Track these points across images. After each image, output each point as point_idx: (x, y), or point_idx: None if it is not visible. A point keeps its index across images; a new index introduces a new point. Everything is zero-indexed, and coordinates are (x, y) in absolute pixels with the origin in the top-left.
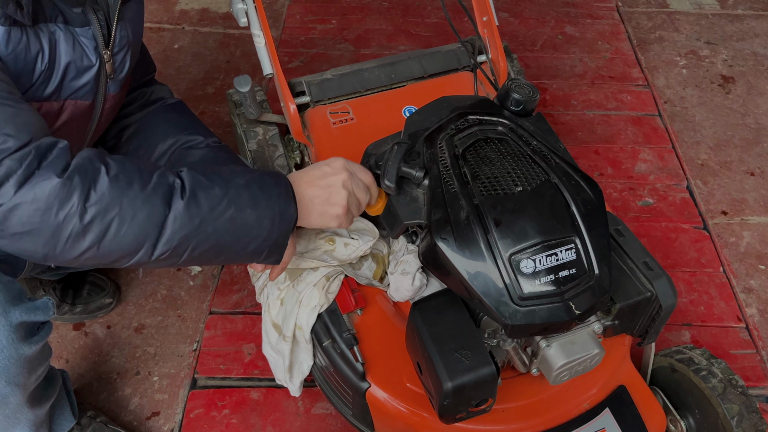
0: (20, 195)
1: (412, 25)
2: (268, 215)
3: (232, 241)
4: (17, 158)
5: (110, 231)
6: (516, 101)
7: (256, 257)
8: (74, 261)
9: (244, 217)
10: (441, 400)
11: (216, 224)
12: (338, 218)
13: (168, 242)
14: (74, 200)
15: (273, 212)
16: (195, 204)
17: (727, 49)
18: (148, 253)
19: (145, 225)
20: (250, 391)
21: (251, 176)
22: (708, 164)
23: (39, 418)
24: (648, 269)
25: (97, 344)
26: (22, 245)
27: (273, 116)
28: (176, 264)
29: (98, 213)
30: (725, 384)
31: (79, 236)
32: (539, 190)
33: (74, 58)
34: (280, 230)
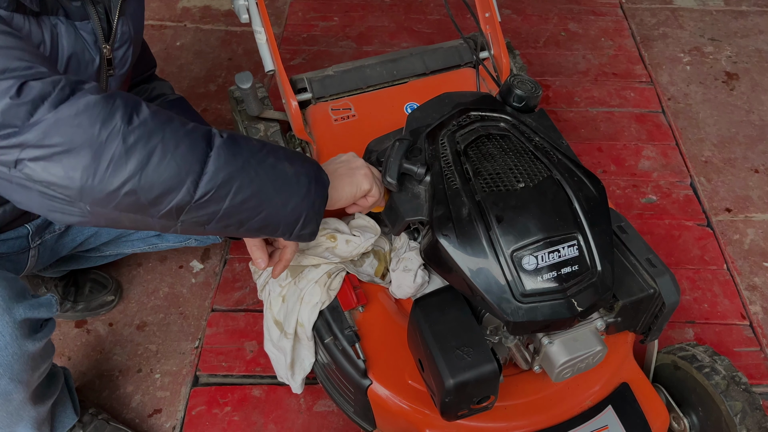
0: (61, 111)
1: (415, 22)
2: (305, 172)
3: (273, 190)
4: (48, 82)
5: (153, 158)
6: (518, 97)
7: (294, 222)
8: (113, 195)
9: (283, 168)
10: (443, 397)
11: (258, 168)
12: (367, 177)
13: (211, 179)
14: (117, 119)
15: (309, 171)
16: (235, 146)
17: (732, 45)
18: (191, 190)
19: (188, 157)
20: (252, 388)
21: (274, 147)
22: (712, 161)
23: (41, 416)
24: (651, 266)
25: (99, 342)
26: (61, 170)
27: (274, 113)
28: (217, 214)
29: (141, 136)
30: (728, 381)
31: (122, 159)
32: (541, 187)
33: (76, 51)
34: (317, 192)
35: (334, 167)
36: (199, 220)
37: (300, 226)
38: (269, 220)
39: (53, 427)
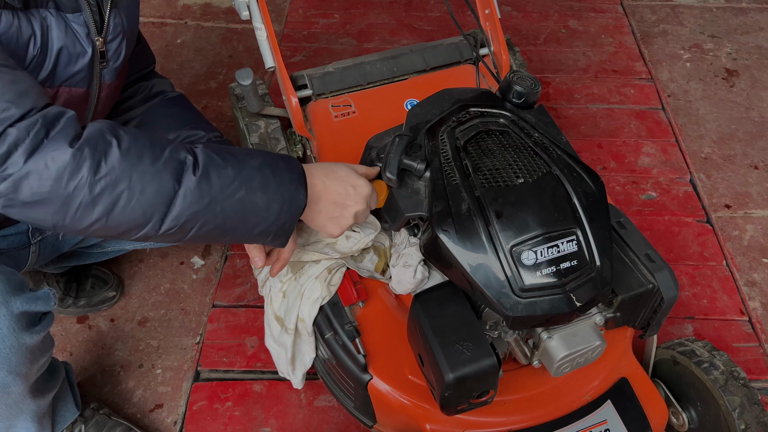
0: (30, 164)
1: (415, 20)
2: (278, 200)
3: (239, 222)
4: (23, 127)
5: (119, 204)
6: (518, 93)
7: (262, 239)
8: (84, 231)
9: (253, 199)
10: (442, 391)
11: (225, 204)
12: (330, 236)
13: (176, 218)
14: (84, 172)
15: (282, 197)
16: (206, 182)
17: (732, 42)
18: (156, 227)
19: (153, 199)
20: (253, 383)
21: (265, 158)
22: (711, 158)
23: (41, 409)
24: (650, 261)
25: (100, 337)
26: (33, 214)
27: (275, 109)
28: (182, 240)
29: (107, 186)
30: (727, 376)
31: (89, 207)
32: (541, 182)
33: (66, 44)
34: (287, 216)
35: (318, 197)
36: (167, 241)
37: (269, 240)
38: (236, 240)
39: (54, 421)
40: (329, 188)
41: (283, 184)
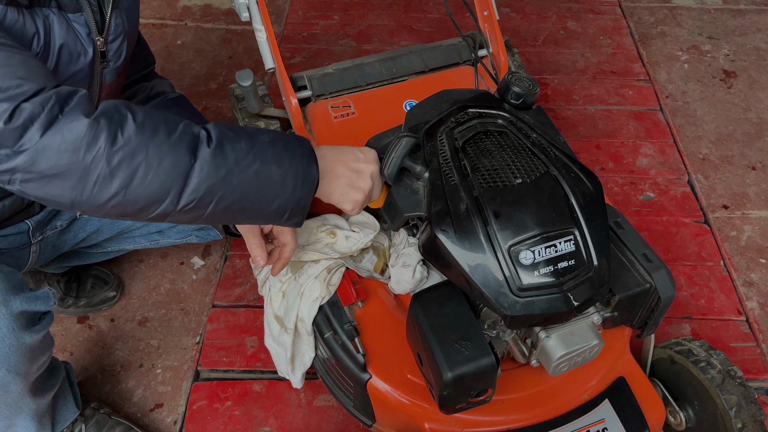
0: (47, 137)
1: (414, 21)
2: (292, 173)
3: (256, 196)
4: (38, 102)
5: (137, 176)
6: (516, 94)
7: (279, 217)
8: (102, 207)
9: (269, 172)
10: (441, 390)
11: (242, 177)
12: (356, 204)
13: (194, 192)
14: (101, 143)
15: (297, 171)
16: (221, 154)
17: (729, 44)
18: (174, 202)
19: (171, 172)
20: (253, 383)
21: (276, 135)
22: (709, 158)
23: (41, 408)
24: (647, 261)
25: (101, 337)
26: (51, 189)
27: (275, 110)
28: (201, 217)
29: (125, 157)
30: (724, 375)
31: (107, 180)
32: (538, 183)
33: (68, 43)
34: (303, 191)
35: (337, 171)
36: (185, 219)
37: (285, 219)
38: (253, 218)
39: (55, 420)
40: (339, 157)
41: (295, 158)
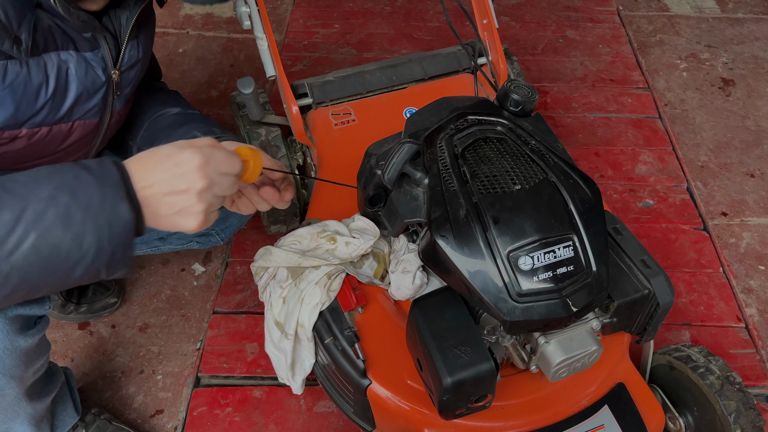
0: None
1: (414, 29)
2: (90, 230)
3: (45, 273)
4: None
5: None
6: (515, 102)
7: (94, 278)
8: None
9: (52, 242)
10: (441, 395)
11: (12, 261)
12: (202, 216)
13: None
14: None
15: (97, 225)
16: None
17: (728, 52)
18: None
19: None
20: (253, 389)
21: (61, 179)
22: (708, 166)
23: (39, 413)
24: (645, 267)
25: (101, 343)
26: None
27: (275, 117)
28: None
29: None
30: (723, 381)
31: None
32: (537, 189)
33: (86, 84)
34: (113, 243)
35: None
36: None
37: (105, 276)
38: (63, 288)
39: (54, 425)
40: (153, 181)
41: (91, 207)
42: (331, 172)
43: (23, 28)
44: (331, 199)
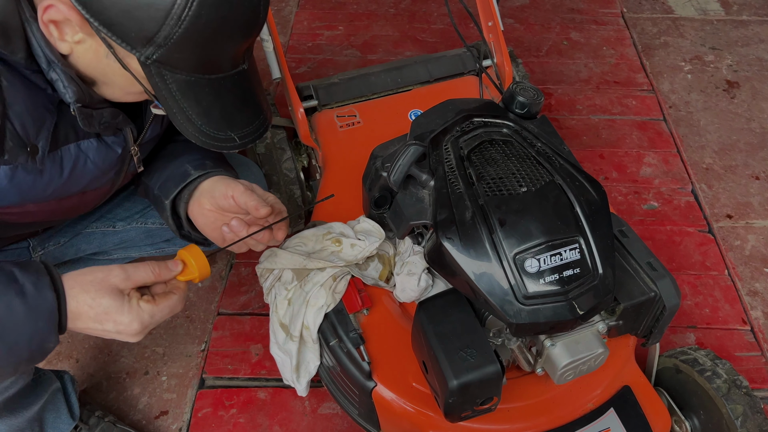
0: None
1: (419, 32)
2: (11, 362)
3: None
4: None
5: None
6: (521, 104)
7: None
8: None
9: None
10: (446, 398)
11: None
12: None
13: None
14: None
15: (19, 358)
16: None
17: (732, 54)
18: None
19: None
20: (258, 390)
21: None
22: (713, 168)
23: (16, 427)
24: (652, 269)
25: (106, 344)
26: None
27: (281, 120)
28: None
29: None
30: (729, 384)
31: None
32: (543, 191)
33: (103, 167)
34: (30, 363)
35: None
36: None
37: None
38: None
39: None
40: (88, 326)
41: (17, 345)
42: (337, 174)
43: (42, 135)
44: (336, 202)
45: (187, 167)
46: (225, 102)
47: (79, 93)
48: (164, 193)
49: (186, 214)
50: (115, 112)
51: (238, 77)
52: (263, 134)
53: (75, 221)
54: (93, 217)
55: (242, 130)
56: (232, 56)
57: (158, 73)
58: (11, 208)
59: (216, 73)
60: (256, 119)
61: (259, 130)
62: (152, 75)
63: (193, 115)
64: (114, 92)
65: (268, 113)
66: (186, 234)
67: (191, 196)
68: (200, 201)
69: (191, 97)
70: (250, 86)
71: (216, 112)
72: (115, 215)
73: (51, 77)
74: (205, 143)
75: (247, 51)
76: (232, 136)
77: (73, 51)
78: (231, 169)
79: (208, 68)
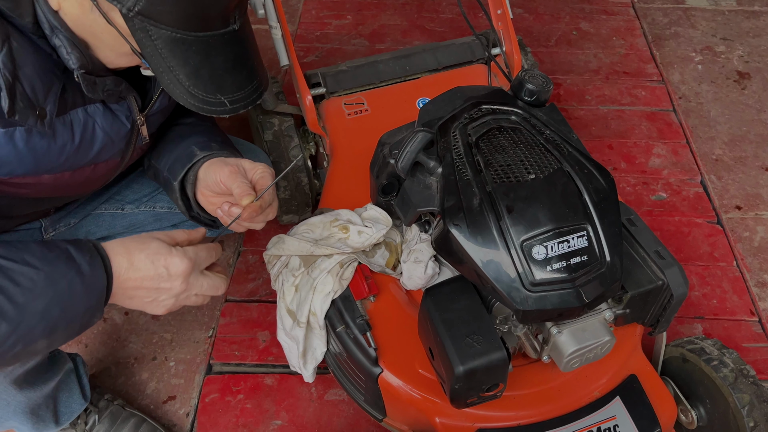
0: None
1: (427, 21)
2: (64, 336)
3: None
4: None
5: None
6: (530, 91)
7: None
8: None
9: (32, 348)
10: (452, 384)
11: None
12: (166, 308)
13: None
14: None
15: (71, 331)
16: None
17: (743, 45)
18: None
19: None
20: (264, 377)
21: (56, 292)
22: (722, 159)
23: (34, 402)
24: (660, 258)
25: (115, 330)
26: None
27: (289, 107)
28: None
29: None
30: (736, 374)
31: None
32: (552, 178)
33: (111, 134)
34: (80, 329)
35: (131, 294)
36: None
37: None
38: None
39: (58, 412)
40: (139, 276)
41: (74, 321)
42: (344, 161)
43: (50, 99)
44: (343, 189)
45: (193, 148)
46: (214, 63)
47: (82, 59)
48: (173, 175)
49: (194, 196)
50: (117, 80)
51: (229, 37)
52: (257, 100)
53: (85, 202)
54: (102, 198)
55: (233, 94)
56: (220, 13)
57: (142, 28)
58: (27, 178)
59: (204, 31)
60: (248, 84)
61: (251, 96)
62: (136, 30)
63: (181, 75)
64: (107, 54)
65: (263, 79)
66: (195, 216)
67: (197, 178)
68: (200, 184)
69: (178, 56)
70: (243, 49)
71: (205, 73)
72: (124, 197)
73: (54, 43)
74: (195, 106)
75: (237, 9)
76: (222, 100)
77: (61, 7)
78: (236, 151)
79: (194, 24)
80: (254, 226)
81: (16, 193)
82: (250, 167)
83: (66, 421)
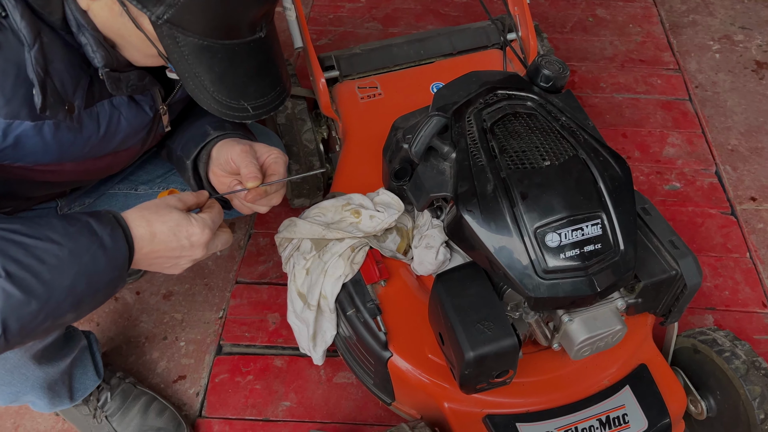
0: None
1: (441, 5)
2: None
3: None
4: None
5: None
6: (546, 77)
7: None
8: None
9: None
10: (462, 369)
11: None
12: (180, 269)
13: None
14: None
15: (96, 302)
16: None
17: (762, 34)
18: None
19: None
20: (274, 358)
21: (80, 264)
22: (738, 150)
23: (51, 377)
24: (674, 248)
25: (126, 309)
26: None
27: (302, 90)
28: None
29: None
30: (748, 366)
31: None
32: (567, 166)
33: (134, 124)
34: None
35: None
36: None
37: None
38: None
39: (73, 388)
40: (161, 247)
41: (98, 292)
42: (357, 145)
43: (78, 94)
44: (355, 173)
45: (207, 128)
46: (239, 70)
47: (107, 57)
48: (186, 154)
49: (207, 176)
50: (141, 74)
51: (255, 45)
52: (279, 107)
53: (99, 183)
54: (117, 178)
55: (256, 100)
56: (247, 22)
57: (170, 35)
58: (50, 166)
59: (230, 39)
60: (272, 90)
61: (274, 102)
62: (164, 36)
63: (206, 81)
64: (133, 54)
65: (287, 85)
66: None
67: (210, 157)
68: (212, 163)
69: (204, 63)
70: (269, 56)
71: (229, 80)
72: (138, 177)
73: (81, 41)
74: (218, 111)
75: (264, 18)
76: (245, 106)
77: (90, 8)
78: (250, 133)
79: (221, 33)
80: (258, 209)
81: (38, 179)
82: (266, 151)
83: (80, 397)
